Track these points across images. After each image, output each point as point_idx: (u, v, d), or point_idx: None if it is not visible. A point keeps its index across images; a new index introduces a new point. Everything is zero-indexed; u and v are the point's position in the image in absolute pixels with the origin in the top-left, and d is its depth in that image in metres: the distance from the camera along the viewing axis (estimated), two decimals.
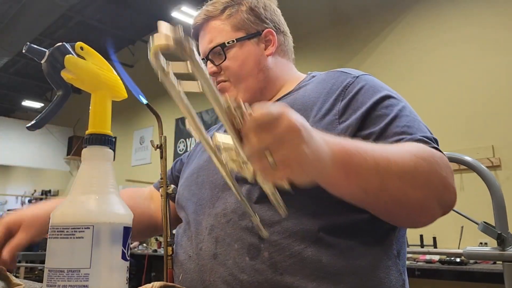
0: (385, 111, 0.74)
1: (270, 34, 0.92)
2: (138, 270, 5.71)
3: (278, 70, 0.93)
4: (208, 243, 0.73)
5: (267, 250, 0.67)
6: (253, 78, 0.90)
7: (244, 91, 0.90)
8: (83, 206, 0.51)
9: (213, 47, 0.90)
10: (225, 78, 0.91)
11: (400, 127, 0.71)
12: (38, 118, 0.55)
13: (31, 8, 5.39)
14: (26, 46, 0.54)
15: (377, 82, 0.82)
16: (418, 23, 4.25)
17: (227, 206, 0.74)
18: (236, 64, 0.89)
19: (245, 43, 0.90)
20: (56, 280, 0.48)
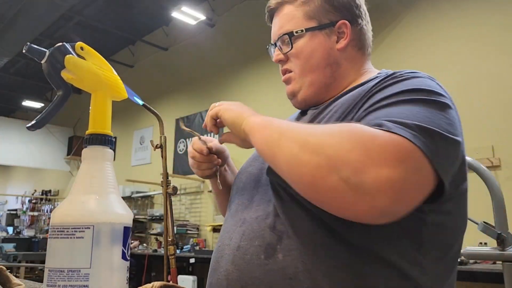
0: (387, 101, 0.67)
1: (344, 26, 0.85)
2: (138, 270, 5.71)
3: (348, 66, 0.86)
4: (237, 234, 0.75)
5: (281, 252, 0.67)
6: (319, 73, 0.85)
7: (309, 85, 0.86)
8: (84, 206, 0.51)
9: (282, 34, 0.87)
10: (290, 67, 0.88)
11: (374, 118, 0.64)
12: (38, 118, 0.55)
13: (31, 9, 5.40)
14: (26, 46, 0.54)
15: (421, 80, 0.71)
16: (417, 23, 4.25)
17: (260, 203, 0.76)
18: (303, 56, 0.86)
19: (315, 34, 0.85)
20: (56, 280, 0.48)
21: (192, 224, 6.02)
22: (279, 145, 0.64)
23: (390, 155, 0.55)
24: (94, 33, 7.68)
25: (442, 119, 0.62)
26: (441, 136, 0.60)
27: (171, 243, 0.73)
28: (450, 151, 0.62)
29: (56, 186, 10.38)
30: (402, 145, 0.56)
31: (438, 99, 0.66)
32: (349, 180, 0.55)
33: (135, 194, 6.99)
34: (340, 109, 0.75)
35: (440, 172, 0.58)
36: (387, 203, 0.54)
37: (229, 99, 4.68)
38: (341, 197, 0.56)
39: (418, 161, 0.56)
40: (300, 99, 0.88)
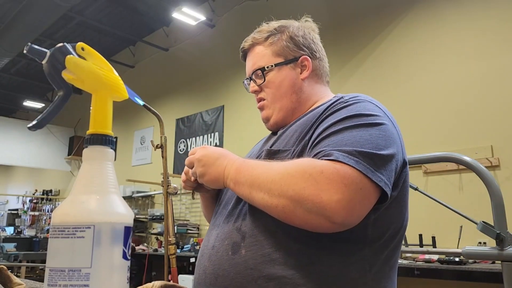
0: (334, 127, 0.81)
1: (306, 60, 1.03)
2: (139, 270, 5.71)
3: (310, 92, 1.03)
4: (213, 236, 0.91)
5: (244, 249, 0.82)
6: (287, 99, 1.01)
7: (279, 110, 1.02)
8: (84, 206, 0.51)
9: (255, 69, 1.04)
10: (264, 96, 1.05)
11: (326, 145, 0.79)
12: (39, 118, 0.55)
13: (32, 9, 5.40)
14: (27, 46, 0.55)
15: (363, 105, 0.86)
16: (416, 24, 4.25)
17: (230, 208, 0.91)
18: (273, 86, 1.02)
19: (283, 68, 1.02)
20: (57, 279, 0.48)
21: (192, 224, 6.02)
22: (252, 197, 0.80)
23: (336, 184, 0.71)
24: (95, 33, 7.68)
25: (380, 137, 0.79)
26: (378, 156, 0.75)
27: (172, 242, 0.74)
28: (388, 164, 0.77)
29: (57, 186, 10.38)
30: (345, 172, 0.72)
31: (375, 120, 0.82)
32: (311, 210, 0.71)
33: (135, 194, 7.00)
34: (299, 128, 0.91)
35: (381, 185, 0.74)
36: (343, 219, 0.71)
37: (229, 99, 4.67)
38: (310, 222, 0.73)
39: (360, 182, 0.72)
40: (272, 123, 1.04)
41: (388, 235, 0.84)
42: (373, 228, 0.81)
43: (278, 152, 0.91)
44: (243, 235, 0.84)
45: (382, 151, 0.76)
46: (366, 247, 0.81)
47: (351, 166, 0.72)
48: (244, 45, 1.10)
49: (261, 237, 0.82)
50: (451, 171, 3.64)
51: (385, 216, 0.82)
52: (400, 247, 0.90)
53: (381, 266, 0.83)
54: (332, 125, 0.82)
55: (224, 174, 0.86)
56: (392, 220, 0.85)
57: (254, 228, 0.83)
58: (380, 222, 0.81)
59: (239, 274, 0.80)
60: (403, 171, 0.85)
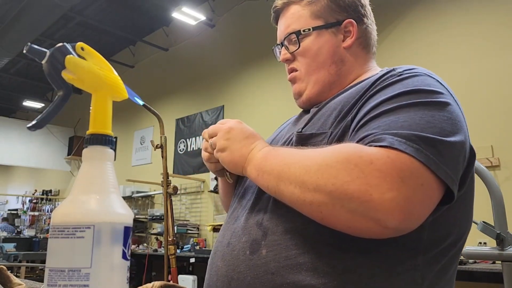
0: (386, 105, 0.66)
1: (351, 25, 0.87)
2: (139, 270, 5.72)
3: (353, 64, 0.88)
4: (229, 232, 0.77)
5: (265, 248, 0.68)
6: (324, 71, 0.86)
7: (314, 84, 0.87)
8: (84, 206, 0.51)
9: (289, 33, 0.88)
10: (296, 67, 0.89)
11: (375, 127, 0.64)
12: (39, 118, 0.55)
13: (32, 9, 5.40)
14: (27, 46, 0.54)
15: (420, 79, 0.70)
16: (417, 23, 4.25)
17: (253, 199, 0.77)
18: (309, 54, 0.87)
19: (322, 33, 0.86)
20: (56, 279, 0.48)
21: (192, 224, 6.02)
22: (280, 191, 0.66)
23: (391, 178, 0.56)
24: (95, 33, 7.68)
25: (445, 120, 0.63)
26: (443, 144, 0.60)
27: (172, 242, 0.74)
28: (455, 155, 0.62)
29: (57, 186, 10.38)
30: (402, 163, 0.57)
31: (438, 98, 0.66)
32: (356, 210, 0.57)
33: (135, 194, 7.00)
34: (338, 106, 0.76)
35: (447, 182, 0.59)
36: (398, 223, 0.56)
37: (229, 99, 4.66)
38: (354, 225, 0.59)
39: (421, 176, 0.57)
40: (305, 99, 0.89)
41: (448, 242, 0.68)
42: (430, 232, 0.65)
43: (312, 137, 0.75)
44: (264, 232, 0.70)
45: (448, 138, 0.61)
46: (420, 255, 0.65)
47: (410, 155, 0.57)
48: (277, 3, 0.92)
49: (287, 236, 0.68)
50: None
51: (447, 218, 0.66)
52: (459, 256, 0.73)
53: (436, 279, 0.67)
54: (383, 103, 0.66)
55: (247, 157, 0.73)
56: (455, 223, 0.69)
57: (278, 224, 0.69)
58: (439, 225, 0.66)
59: (257, 279, 0.67)
60: (471, 163, 0.68)
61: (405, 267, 0.64)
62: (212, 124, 3.87)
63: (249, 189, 0.81)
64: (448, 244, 0.69)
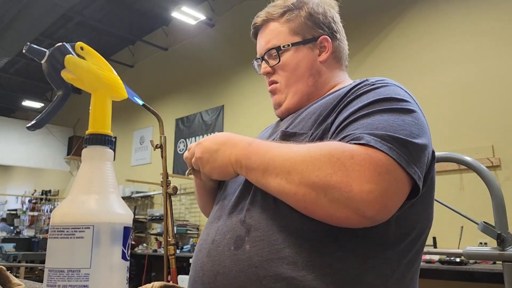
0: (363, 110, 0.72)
1: (325, 41, 0.94)
2: (138, 270, 5.72)
3: (328, 75, 0.95)
4: (213, 230, 0.81)
5: (249, 244, 0.72)
6: (303, 83, 0.93)
7: (293, 94, 0.93)
8: (83, 206, 0.51)
9: (269, 48, 0.94)
10: (277, 79, 0.95)
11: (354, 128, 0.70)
12: (38, 118, 0.54)
13: (31, 9, 5.40)
14: (27, 46, 0.54)
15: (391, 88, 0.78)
16: (417, 23, 4.25)
17: (234, 199, 0.81)
18: (289, 68, 0.93)
19: (300, 48, 0.93)
20: (56, 280, 0.48)
21: (192, 224, 6.02)
22: (267, 183, 0.70)
23: (369, 171, 0.62)
24: (94, 33, 7.69)
25: (413, 124, 0.70)
26: (412, 144, 0.67)
27: (171, 243, 0.74)
28: (421, 155, 0.68)
29: (56, 186, 10.38)
30: (379, 159, 0.63)
31: (407, 106, 0.74)
32: (338, 200, 0.63)
33: (135, 194, 7.00)
34: (317, 111, 0.82)
35: (415, 178, 0.65)
36: (374, 213, 0.62)
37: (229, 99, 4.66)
38: (335, 214, 0.64)
39: (395, 172, 0.64)
40: (284, 109, 0.95)
41: (412, 237, 0.75)
42: (396, 228, 0.71)
43: (295, 135, 0.81)
44: (248, 229, 0.74)
45: (416, 140, 0.68)
46: (389, 249, 0.72)
47: (384, 152, 0.63)
48: (257, 20, 0.99)
49: (269, 231, 0.72)
50: (452, 171, 3.64)
51: (410, 215, 0.72)
52: (422, 251, 0.80)
53: (403, 272, 0.74)
54: (361, 109, 0.73)
55: (231, 163, 0.76)
56: (417, 219, 0.75)
57: (261, 221, 0.74)
58: (404, 221, 0.72)
59: (241, 272, 0.70)
60: (432, 165, 0.75)
61: (377, 260, 0.70)
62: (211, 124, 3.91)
63: (232, 190, 0.85)
64: (412, 238, 0.75)
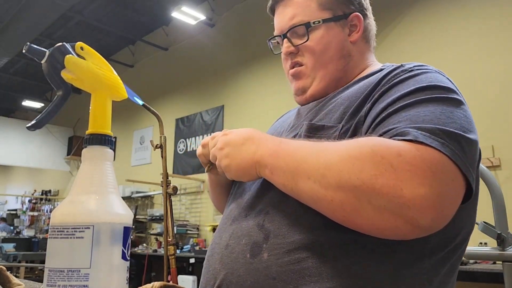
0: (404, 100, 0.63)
1: (357, 19, 0.84)
2: (138, 270, 5.71)
3: (358, 58, 0.84)
4: (227, 233, 0.73)
5: (267, 252, 0.64)
6: (332, 66, 0.81)
7: (320, 79, 0.82)
8: (83, 206, 0.51)
9: (296, 24, 0.81)
10: (302, 61, 0.83)
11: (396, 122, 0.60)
12: (38, 118, 0.54)
13: (31, 8, 5.39)
14: (26, 46, 0.54)
15: (432, 75, 0.68)
16: (418, 23, 4.25)
17: (251, 198, 0.73)
18: (318, 48, 0.81)
19: (331, 25, 0.81)
20: (56, 280, 0.48)
21: (192, 224, 6.02)
22: (297, 188, 0.61)
23: (422, 172, 0.52)
24: (94, 33, 7.68)
25: (462, 118, 0.60)
26: (465, 140, 0.57)
27: (171, 243, 0.73)
28: (473, 153, 0.59)
29: (56, 186, 10.38)
30: (432, 157, 0.53)
31: (454, 96, 0.64)
32: (385, 207, 0.53)
33: (135, 194, 6.99)
34: (346, 101, 0.72)
35: (469, 178, 0.56)
36: (430, 221, 0.53)
37: (229, 99, 4.64)
38: (381, 224, 0.54)
39: (451, 171, 0.54)
40: (309, 95, 0.83)
41: (455, 243, 0.65)
42: (439, 233, 0.58)
43: (323, 128, 0.70)
44: (266, 234, 0.66)
45: (468, 134, 0.58)
46: (426, 258, 0.62)
47: (436, 149, 0.54)
48: None
49: (290, 238, 0.63)
50: None
51: (457, 218, 0.59)
52: (462, 257, 0.70)
53: (442, 282, 0.65)
54: (400, 99, 0.63)
55: (254, 161, 0.67)
56: (463, 223, 0.65)
57: (281, 226, 0.65)
58: (449, 226, 0.59)
59: (257, 284, 0.63)
60: (479, 164, 0.66)
61: (412, 271, 0.61)
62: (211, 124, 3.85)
63: (247, 188, 0.76)
64: (455, 245, 0.66)
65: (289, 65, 0.85)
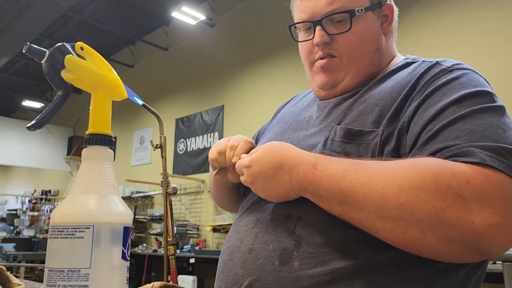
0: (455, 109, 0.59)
1: (389, 9, 0.79)
2: (138, 270, 5.72)
3: (388, 51, 0.79)
4: (249, 236, 0.68)
5: (298, 260, 0.61)
6: (368, 59, 0.75)
7: (355, 73, 0.75)
8: (83, 206, 0.51)
9: (337, 11, 0.72)
10: (335, 52, 0.75)
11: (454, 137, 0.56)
12: (38, 118, 0.54)
13: (31, 8, 5.39)
14: (26, 46, 0.54)
15: (474, 77, 0.65)
16: (418, 23, 4.25)
17: (279, 203, 0.68)
18: (357, 39, 0.73)
19: (369, 15, 0.75)
20: (56, 280, 0.48)
21: (192, 224, 6.02)
22: (346, 213, 0.57)
23: (493, 200, 0.50)
24: (94, 33, 7.68)
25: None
26: None
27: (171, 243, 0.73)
28: None
29: (56, 186, 10.38)
30: (501, 182, 0.51)
31: (499, 102, 0.61)
32: (453, 238, 0.50)
33: (135, 194, 7.00)
34: (381, 102, 0.67)
35: None
36: (500, 249, 0.51)
37: (229, 99, 4.65)
38: (446, 253, 0.52)
39: None
40: (341, 90, 0.76)
41: None
42: None
43: (361, 134, 0.65)
44: (297, 241, 0.62)
45: None
46: (460, 268, 0.60)
47: (504, 172, 0.51)
48: None
49: (325, 248, 0.60)
50: None
51: None
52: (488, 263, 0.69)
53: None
54: (450, 106, 0.59)
55: (293, 190, 0.63)
56: None
57: (314, 234, 0.61)
58: None
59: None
60: None
61: (447, 281, 0.59)
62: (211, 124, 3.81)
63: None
64: None
65: (317, 56, 0.77)
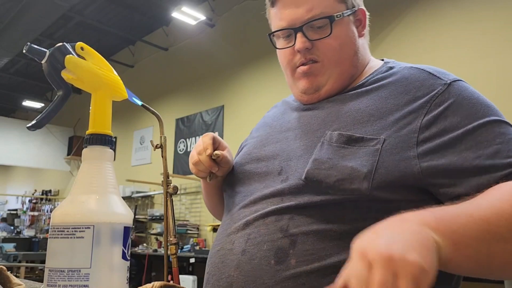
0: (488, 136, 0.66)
1: (361, 14, 0.80)
2: (139, 270, 5.72)
3: (363, 54, 0.81)
4: (240, 238, 0.68)
5: (294, 257, 0.61)
6: (348, 62, 0.77)
7: (337, 77, 0.76)
8: (84, 206, 0.51)
9: (317, 17, 0.73)
10: (316, 57, 0.75)
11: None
12: (39, 118, 0.55)
13: (32, 9, 5.40)
14: (27, 46, 0.54)
15: (474, 96, 0.72)
16: (417, 24, 4.25)
17: (265, 200, 0.69)
18: (338, 43, 0.75)
19: (346, 19, 0.76)
20: (56, 280, 0.48)
21: (192, 224, 6.02)
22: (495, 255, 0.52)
23: None
24: (94, 33, 7.68)
25: None
26: None
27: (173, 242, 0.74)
28: None
29: (56, 186, 10.38)
30: None
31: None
32: None
33: (135, 194, 7.00)
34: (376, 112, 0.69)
35: None
36: None
37: (229, 99, 4.65)
38: None
39: None
40: (325, 94, 0.77)
41: None
42: None
43: (362, 141, 0.66)
44: (292, 240, 0.63)
45: None
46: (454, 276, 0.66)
47: None
48: None
49: (320, 244, 0.61)
50: None
51: None
52: None
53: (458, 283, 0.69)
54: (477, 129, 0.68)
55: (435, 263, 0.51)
56: None
57: (309, 232, 0.62)
58: None
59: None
60: None
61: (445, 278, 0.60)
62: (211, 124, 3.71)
63: (256, 190, 0.72)
64: None
65: (298, 62, 0.77)
